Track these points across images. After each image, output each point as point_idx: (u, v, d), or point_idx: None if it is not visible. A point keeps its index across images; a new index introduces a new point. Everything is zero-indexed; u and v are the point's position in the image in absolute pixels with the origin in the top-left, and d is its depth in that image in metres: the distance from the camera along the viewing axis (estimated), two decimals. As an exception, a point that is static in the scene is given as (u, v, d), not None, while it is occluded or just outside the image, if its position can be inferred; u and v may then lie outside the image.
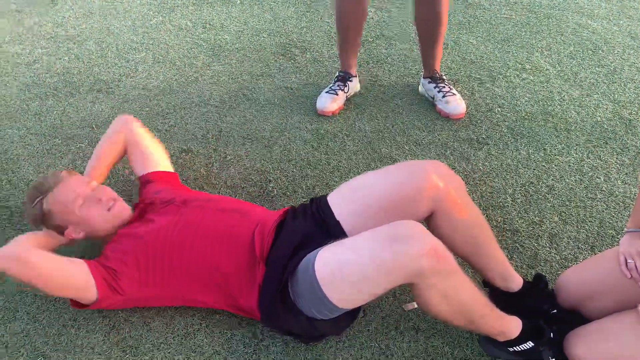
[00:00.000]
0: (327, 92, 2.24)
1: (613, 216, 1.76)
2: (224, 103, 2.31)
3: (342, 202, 1.36)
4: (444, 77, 2.25)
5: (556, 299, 1.40)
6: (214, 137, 2.13)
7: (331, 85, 2.27)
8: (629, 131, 2.11)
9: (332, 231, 1.32)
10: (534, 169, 1.95)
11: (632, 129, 2.12)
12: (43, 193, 1.44)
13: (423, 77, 2.29)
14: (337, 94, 2.23)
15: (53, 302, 1.52)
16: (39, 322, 1.47)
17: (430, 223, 1.38)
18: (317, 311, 1.23)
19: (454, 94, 2.20)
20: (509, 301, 1.37)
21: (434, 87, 2.22)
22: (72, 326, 1.46)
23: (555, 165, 1.97)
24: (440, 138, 2.10)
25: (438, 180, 1.30)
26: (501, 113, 2.22)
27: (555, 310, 1.39)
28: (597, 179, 1.91)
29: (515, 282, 1.41)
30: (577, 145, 2.06)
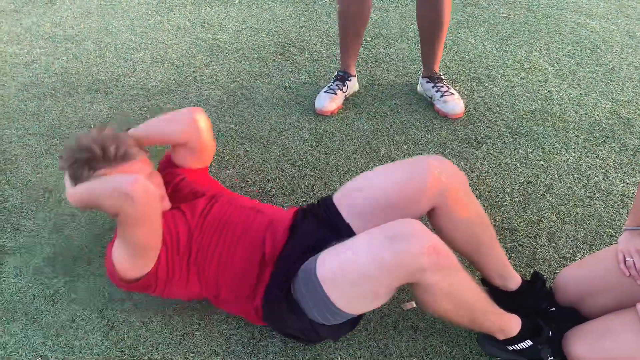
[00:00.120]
0: (326, 92, 2.24)
1: (611, 215, 1.76)
2: (223, 103, 2.31)
3: (350, 204, 1.35)
4: (443, 77, 2.25)
5: (554, 298, 1.41)
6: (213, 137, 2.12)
7: (330, 84, 2.27)
8: (627, 130, 2.12)
9: (343, 233, 1.31)
10: (533, 168, 1.95)
11: (630, 128, 2.12)
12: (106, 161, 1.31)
13: (421, 77, 2.28)
14: (336, 94, 2.22)
15: (51, 303, 1.52)
16: (38, 323, 1.47)
17: (431, 219, 1.38)
18: (319, 314, 1.22)
19: (452, 94, 2.20)
20: (507, 300, 1.36)
21: (433, 87, 2.22)
22: (71, 327, 1.46)
23: (553, 164, 1.97)
24: (438, 137, 2.10)
25: (441, 175, 1.30)
26: (499, 112, 2.22)
27: (553, 308, 1.39)
28: (596, 178, 1.91)
29: (513, 282, 1.41)
30: (576, 144, 2.06)
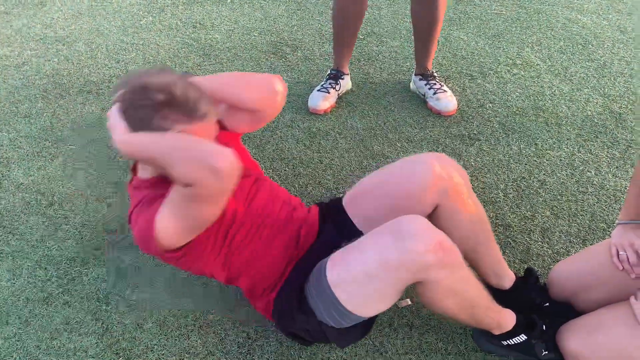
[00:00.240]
0: (319, 90, 2.24)
1: (604, 209, 1.77)
2: (216, 103, 2.30)
3: (357, 209, 1.36)
4: (435, 74, 2.25)
5: (548, 293, 1.41)
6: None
7: (323, 83, 2.27)
8: (619, 125, 2.13)
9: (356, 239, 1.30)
10: (526, 164, 1.96)
11: (622, 123, 2.13)
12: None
13: (414, 74, 2.29)
14: (329, 92, 2.22)
15: (45, 306, 1.51)
16: (31, 327, 1.46)
17: (433, 218, 1.37)
18: (329, 316, 1.20)
19: (445, 91, 2.20)
20: (501, 298, 1.36)
21: (425, 84, 2.22)
22: (65, 330, 1.46)
23: (546, 159, 1.98)
24: (432, 135, 2.10)
25: (442, 172, 1.30)
26: (492, 109, 2.23)
27: (547, 303, 1.40)
28: (588, 173, 1.92)
29: (508, 280, 1.41)
30: (568, 139, 2.06)
